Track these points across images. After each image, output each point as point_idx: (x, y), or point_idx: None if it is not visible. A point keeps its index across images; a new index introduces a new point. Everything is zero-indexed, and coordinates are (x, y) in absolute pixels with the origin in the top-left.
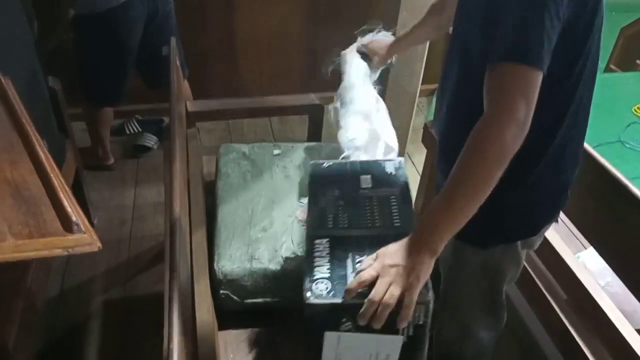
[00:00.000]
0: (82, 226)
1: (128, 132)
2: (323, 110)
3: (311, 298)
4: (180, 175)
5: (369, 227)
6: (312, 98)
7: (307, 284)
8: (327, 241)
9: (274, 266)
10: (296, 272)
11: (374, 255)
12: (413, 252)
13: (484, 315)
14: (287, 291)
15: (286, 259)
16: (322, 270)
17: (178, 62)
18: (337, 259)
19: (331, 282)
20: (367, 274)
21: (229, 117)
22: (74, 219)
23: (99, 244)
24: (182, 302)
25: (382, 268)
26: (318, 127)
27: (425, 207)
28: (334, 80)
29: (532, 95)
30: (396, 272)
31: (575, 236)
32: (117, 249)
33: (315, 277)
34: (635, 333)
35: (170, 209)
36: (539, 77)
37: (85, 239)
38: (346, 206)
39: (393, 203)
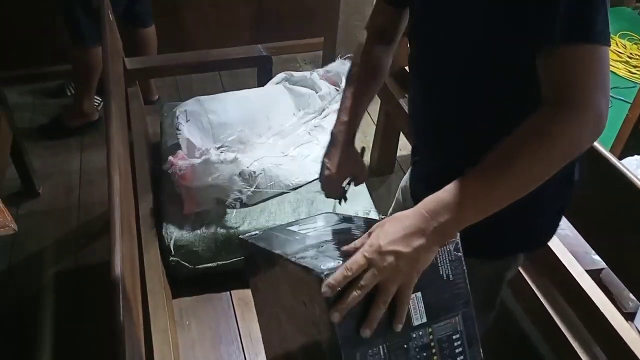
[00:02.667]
0: None
1: (70, 94)
2: (271, 61)
3: None
4: (118, 139)
5: None
6: (260, 49)
7: None
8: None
9: (225, 229)
10: (248, 233)
11: (366, 235)
12: (420, 235)
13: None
14: (239, 253)
15: (237, 221)
16: None
17: (111, 15)
18: None
19: None
20: (355, 264)
21: (171, 73)
22: None
23: (13, 226)
24: (126, 275)
25: (376, 253)
26: (267, 79)
27: (380, 159)
28: (284, 30)
29: (609, 79)
30: (394, 261)
31: None
32: (66, 218)
33: None
34: (585, 274)
35: (108, 177)
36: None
37: None
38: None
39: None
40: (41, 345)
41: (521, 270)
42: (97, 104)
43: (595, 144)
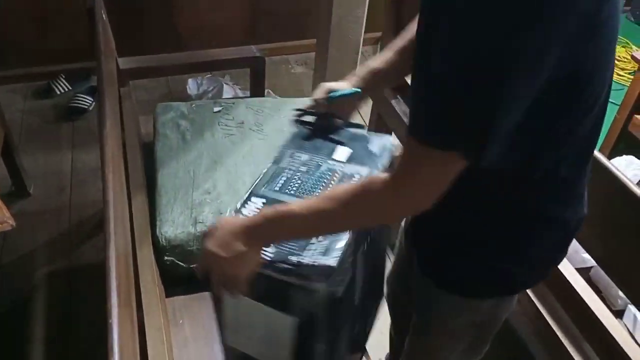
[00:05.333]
0: None
1: (59, 93)
2: (264, 62)
3: None
4: (112, 138)
5: None
6: (253, 50)
7: None
8: (263, 202)
9: None
10: None
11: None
12: (241, 240)
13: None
14: None
15: None
16: None
17: (105, 15)
18: None
19: None
20: (200, 260)
21: (164, 74)
22: None
23: (11, 222)
24: (121, 274)
25: (206, 254)
26: (260, 80)
27: None
28: (277, 32)
29: (437, 181)
30: (217, 262)
31: None
32: (57, 218)
33: None
34: (576, 273)
35: (103, 176)
36: (452, 160)
37: None
38: (306, 173)
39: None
40: (33, 345)
41: None
42: (89, 103)
43: None
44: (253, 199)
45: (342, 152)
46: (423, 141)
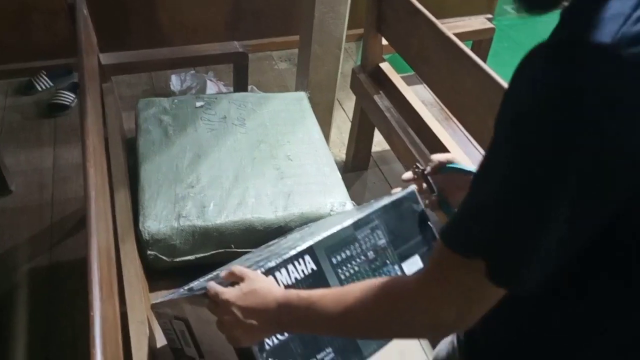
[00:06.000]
0: None
1: (40, 89)
2: (247, 58)
3: None
4: (94, 134)
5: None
6: (236, 46)
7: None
8: (312, 269)
9: (203, 222)
10: (226, 226)
11: (247, 274)
12: (260, 320)
13: None
14: (217, 246)
15: (215, 214)
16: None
17: (86, 10)
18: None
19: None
20: (215, 304)
21: (147, 69)
22: None
23: None
24: (103, 267)
25: (222, 303)
26: (244, 76)
27: (355, 155)
28: (260, 28)
29: (465, 294)
30: (234, 321)
31: None
32: (39, 215)
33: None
34: None
35: (84, 172)
36: (478, 271)
37: None
38: (369, 265)
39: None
40: (15, 341)
41: None
42: (71, 100)
43: None
44: (307, 258)
45: (413, 264)
46: (446, 242)
